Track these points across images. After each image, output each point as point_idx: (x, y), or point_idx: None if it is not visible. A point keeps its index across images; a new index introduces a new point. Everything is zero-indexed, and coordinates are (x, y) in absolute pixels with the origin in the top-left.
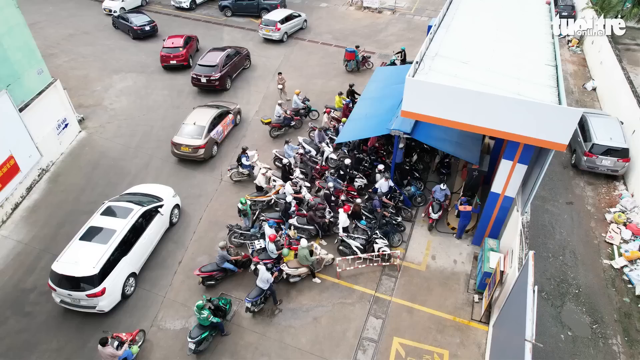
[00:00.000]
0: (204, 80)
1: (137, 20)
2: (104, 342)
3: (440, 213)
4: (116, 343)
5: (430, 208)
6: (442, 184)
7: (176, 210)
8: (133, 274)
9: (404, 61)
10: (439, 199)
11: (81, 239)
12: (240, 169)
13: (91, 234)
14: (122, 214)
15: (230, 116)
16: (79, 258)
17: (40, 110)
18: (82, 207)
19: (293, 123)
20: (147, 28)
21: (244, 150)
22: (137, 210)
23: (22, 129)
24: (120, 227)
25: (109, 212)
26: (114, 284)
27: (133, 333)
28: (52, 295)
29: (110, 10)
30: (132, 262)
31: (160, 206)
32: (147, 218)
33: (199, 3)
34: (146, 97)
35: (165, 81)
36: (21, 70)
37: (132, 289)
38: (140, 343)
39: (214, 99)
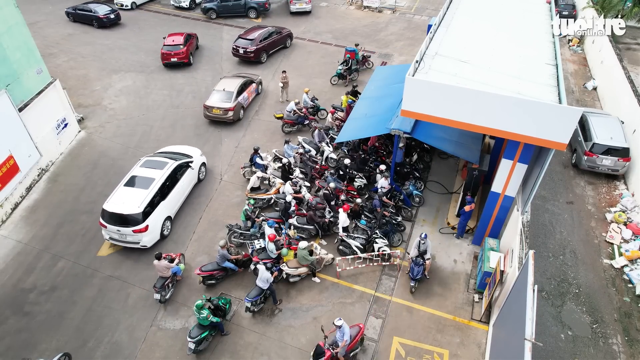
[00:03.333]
0: (241, 51)
1: (101, 9)
2: (159, 257)
3: None
4: (167, 260)
5: None
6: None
7: (203, 168)
8: (169, 218)
9: (349, 70)
10: None
11: (125, 185)
12: (254, 168)
13: (134, 182)
14: (159, 166)
15: (254, 85)
16: (125, 200)
17: (39, 110)
18: (82, 207)
19: (307, 122)
20: (112, 16)
21: (255, 151)
22: (172, 164)
23: (21, 129)
24: (159, 176)
25: (147, 164)
26: (154, 223)
27: (177, 254)
28: (102, 232)
29: (122, 5)
30: (169, 206)
31: (191, 162)
32: (179, 171)
33: (198, 2)
34: (145, 97)
35: (164, 81)
36: (20, 69)
37: (169, 230)
38: (183, 264)
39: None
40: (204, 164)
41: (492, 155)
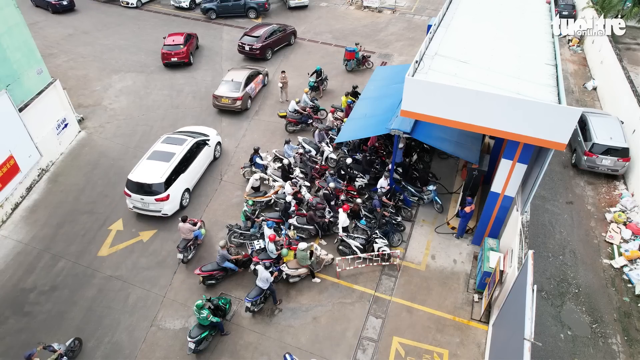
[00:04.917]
0: (247, 48)
1: None
2: (184, 219)
3: None
4: (190, 224)
5: None
6: None
7: (219, 147)
8: (187, 190)
9: (321, 81)
10: None
11: (148, 158)
12: (254, 168)
13: (156, 156)
14: (179, 142)
15: (261, 76)
16: (148, 171)
17: (39, 110)
18: (82, 207)
19: (310, 121)
20: (65, 3)
21: (256, 151)
22: (191, 140)
23: (21, 129)
24: (179, 151)
25: (168, 141)
26: (175, 194)
27: (199, 219)
28: (126, 201)
29: (127, 3)
30: (187, 179)
31: (208, 140)
32: (197, 148)
33: (198, 2)
34: (145, 97)
35: (164, 81)
36: (21, 70)
37: (187, 201)
38: (204, 229)
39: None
40: (219, 143)
41: (492, 155)
